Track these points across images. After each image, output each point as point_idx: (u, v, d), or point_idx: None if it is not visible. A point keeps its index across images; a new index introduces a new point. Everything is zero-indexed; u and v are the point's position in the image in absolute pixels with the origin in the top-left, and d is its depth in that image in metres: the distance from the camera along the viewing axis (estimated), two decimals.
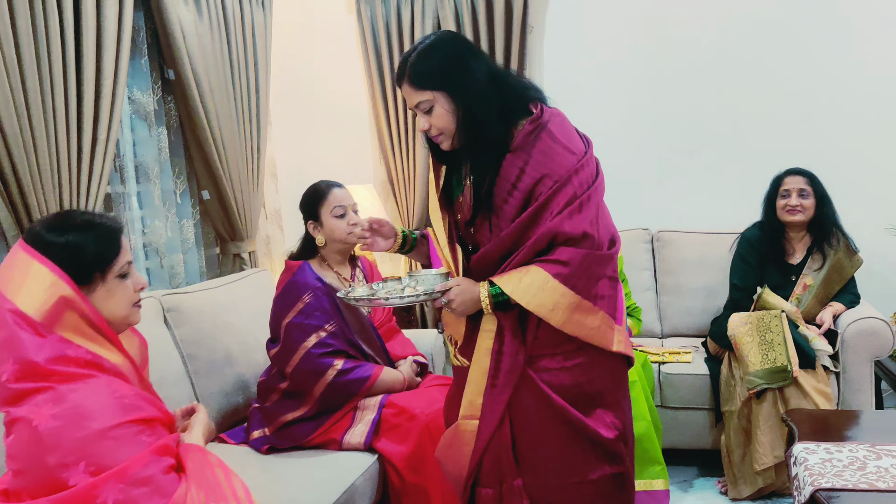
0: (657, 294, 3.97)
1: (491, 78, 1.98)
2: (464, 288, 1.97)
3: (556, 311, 1.90)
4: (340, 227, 2.80)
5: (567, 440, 1.98)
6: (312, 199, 2.84)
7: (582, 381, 1.98)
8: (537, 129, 1.97)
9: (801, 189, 3.30)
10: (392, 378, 2.73)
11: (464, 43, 2.03)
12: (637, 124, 4.15)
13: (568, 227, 1.90)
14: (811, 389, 2.98)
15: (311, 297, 2.67)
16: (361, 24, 4.25)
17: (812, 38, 3.93)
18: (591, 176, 1.97)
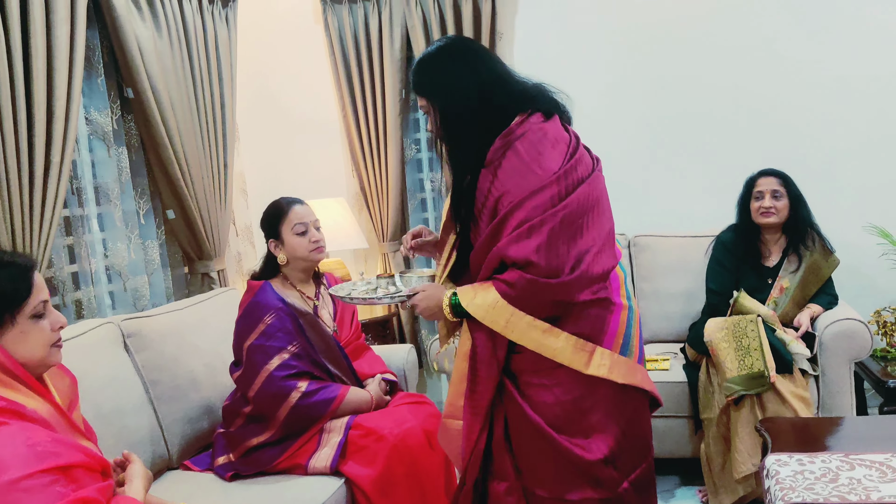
0: (636, 299, 3.90)
1: (482, 88, 1.98)
2: (429, 294, 2.04)
3: (509, 329, 1.91)
4: (302, 245, 2.74)
5: (547, 455, 1.98)
6: (272, 216, 2.79)
7: (565, 401, 1.96)
8: (505, 145, 1.95)
9: (774, 190, 3.24)
10: (359, 398, 2.66)
11: (455, 49, 2.04)
12: (612, 129, 4.10)
13: (512, 251, 1.89)
14: (789, 395, 2.92)
15: (272, 318, 2.61)
16: (329, 34, 4.19)
17: (784, 39, 3.88)
18: (554, 199, 1.89)
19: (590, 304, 1.95)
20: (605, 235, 1.98)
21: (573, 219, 1.90)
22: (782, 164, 3.38)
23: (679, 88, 4.03)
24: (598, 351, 1.95)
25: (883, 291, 3.79)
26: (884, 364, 3.44)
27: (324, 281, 2.92)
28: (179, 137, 3.35)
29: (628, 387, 2.00)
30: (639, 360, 2.06)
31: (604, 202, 2.02)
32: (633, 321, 2.06)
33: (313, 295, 2.83)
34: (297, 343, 2.62)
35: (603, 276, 1.96)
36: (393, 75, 4.11)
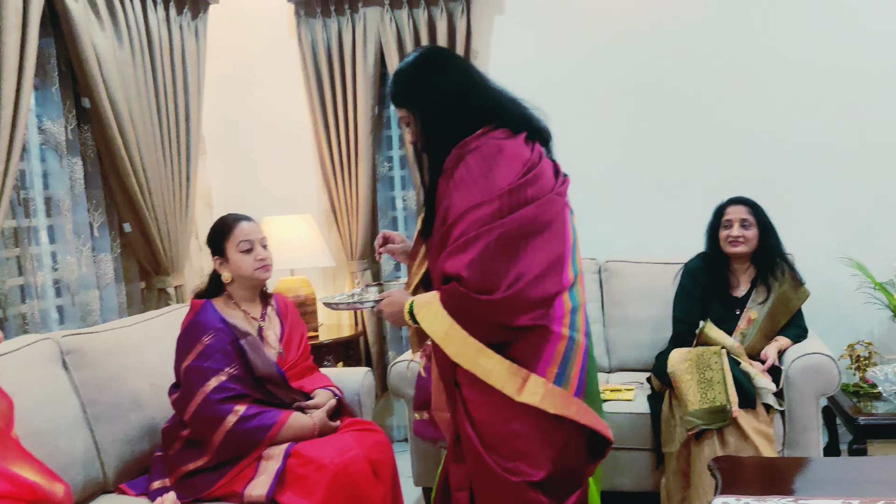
0: (605, 326, 3.82)
1: (459, 96, 2.00)
2: (393, 300, 2.11)
3: (448, 341, 1.94)
4: (247, 263, 2.66)
5: (481, 473, 2.01)
6: (217, 233, 2.71)
7: (496, 421, 1.97)
8: (458, 156, 1.97)
9: (742, 219, 3.17)
10: (300, 425, 2.56)
11: (432, 60, 2.08)
12: (585, 154, 4.01)
13: (447, 264, 1.92)
14: (751, 431, 2.82)
15: (210, 339, 2.53)
16: (302, 49, 4.13)
17: (762, 66, 3.81)
18: (494, 215, 1.90)
19: (528, 331, 1.94)
20: (550, 260, 1.96)
21: (512, 237, 1.90)
22: (757, 193, 3.31)
23: (654, 115, 3.96)
24: (532, 378, 1.93)
25: (857, 325, 3.72)
26: (856, 400, 3.35)
27: (272, 302, 2.84)
28: (138, 149, 3.28)
29: (562, 417, 1.97)
30: (576, 392, 2.02)
31: (556, 227, 2.00)
32: (574, 353, 2.02)
33: (259, 315, 2.75)
34: (237, 365, 2.53)
35: (542, 301, 1.94)
36: (366, 91, 4.04)
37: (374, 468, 2.54)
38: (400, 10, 3.99)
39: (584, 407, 2.02)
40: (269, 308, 2.80)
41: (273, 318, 2.79)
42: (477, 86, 2.06)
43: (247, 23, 4.27)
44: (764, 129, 3.83)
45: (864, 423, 3.12)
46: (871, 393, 3.38)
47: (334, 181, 4.16)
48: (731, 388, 2.86)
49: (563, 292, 2.01)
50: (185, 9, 3.70)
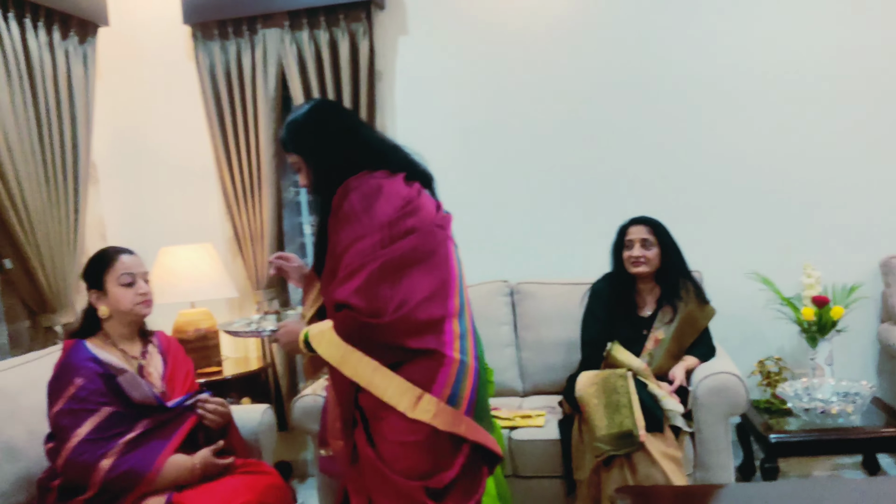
0: (518, 350, 3.74)
1: (342, 144, 2.18)
2: (289, 329, 2.23)
3: (344, 364, 2.05)
4: (127, 297, 2.52)
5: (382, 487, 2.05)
6: (97, 265, 2.56)
7: (391, 437, 2.05)
8: (342, 195, 2.11)
9: (643, 239, 3.13)
10: (179, 468, 2.40)
11: (324, 110, 2.26)
12: (492, 173, 3.97)
13: (336, 293, 2.05)
14: (659, 455, 2.76)
15: (83, 381, 2.36)
16: (200, 72, 3.98)
17: (666, 86, 3.81)
18: (376, 246, 2.06)
19: (421, 354, 2.06)
20: (434, 286, 2.11)
21: (395, 265, 2.05)
22: (664, 211, 3.28)
23: (560, 135, 3.91)
24: (425, 396, 2.04)
25: (767, 341, 3.72)
26: (767, 416, 3.33)
27: (153, 339, 2.68)
28: (17, 180, 3.10)
29: (453, 434, 2.06)
30: (466, 411, 2.10)
31: (439, 257, 2.16)
32: (465, 375, 2.12)
33: (139, 354, 2.59)
34: (113, 405, 2.37)
35: (429, 324, 2.07)
36: (267, 115, 3.92)
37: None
38: (301, 32, 3.88)
39: (474, 425, 2.11)
40: (149, 346, 2.64)
41: (155, 355, 2.63)
42: (362, 135, 2.26)
43: (141, 46, 4.11)
44: (670, 147, 3.82)
45: (776, 440, 3.10)
46: (782, 409, 3.36)
47: (237, 208, 4.01)
48: (638, 412, 2.80)
49: (449, 318, 2.13)
50: (71, 32, 3.53)
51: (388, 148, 2.28)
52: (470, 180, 3.98)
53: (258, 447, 2.92)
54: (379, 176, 2.15)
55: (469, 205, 3.94)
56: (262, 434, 2.95)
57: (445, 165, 3.99)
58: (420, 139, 3.98)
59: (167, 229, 4.03)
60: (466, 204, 3.93)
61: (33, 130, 3.23)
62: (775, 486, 2.91)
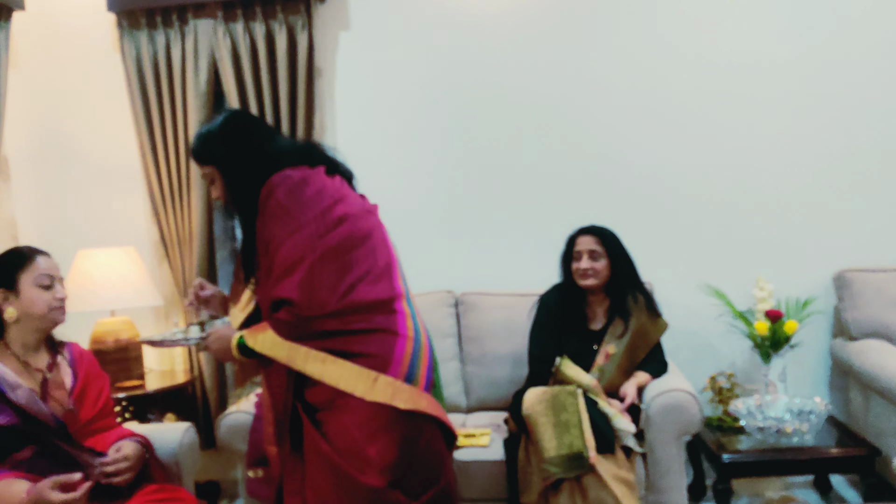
0: (462, 363, 3.55)
1: (258, 152, 2.17)
2: (220, 335, 2.20)
3: (292, 361, 2.04)
4: (43, 300, 2.29)
5: (336, 489, 2.01)
6: (10, 263, 2.31)
7: (349, 426, 2.01)
8: (268, 194, 2.09)
9: (591, 250, 2.98)
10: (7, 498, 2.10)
11: (237, 121, 2.24)
12: (434, 176, 3.78)
13: (278, 291, 2.03)
14: (610, 478, 2.60)
15: None
16: (126, 63, 3.71)
17: (619, 86, 3.67)
18: (313, 237, 2.05)
19: (371, 333, 2.06)
20: (379, 267, 2.13)
21: (337, 253, 2.06)
22: (613, 219, 3.14)
23: (506, 138, 3.74)
24: (381, 378, 2.03)
25: (720, 355, 3.61)
26: (719, 435, 3.20)
27: (64, 351, 2.42)
28: None
29: (414, 413, 2.05)
30: (425, 387, 2.12)
31: (375, 239, 2.17)
32: (420, 351, 2.14)
33: (44, 366, 2.33)
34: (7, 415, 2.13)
35: (377, 303, 2.08)
36: (198, 111, 3.67)
37: None
38: (235, 23, 3.65)
39: (434, 401, 2.13)
40: (58, 357, 2.38)
41: (64, 368, 2.37)
42: (276, 140, 2.25)
43: (62, 33, 3.83)
44: (617, 154, 3.68)
45: (729, 460, 2.97)
46: (734, 427, 3.24)
47: (164, 209, 3.75)
48: (588, 433, 2.64)
49: (398, 298, 2.15)
50: None
51: (305, 147, 2.30)
52: (413, 184, 3.79)
53: (178, 470, 2.67)
54: (300, 170, 2.14)
55: (412, 210, 3.77)
56: (183, 455, 2.69)
57: (387, 168, 3.85)
58: (361, 140, 3.84)
59: (86, 231, 3.75)
60: (409, 209, 3.77)
61: None
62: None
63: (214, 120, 2.25)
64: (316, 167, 2.19)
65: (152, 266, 3.82)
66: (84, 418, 2.35)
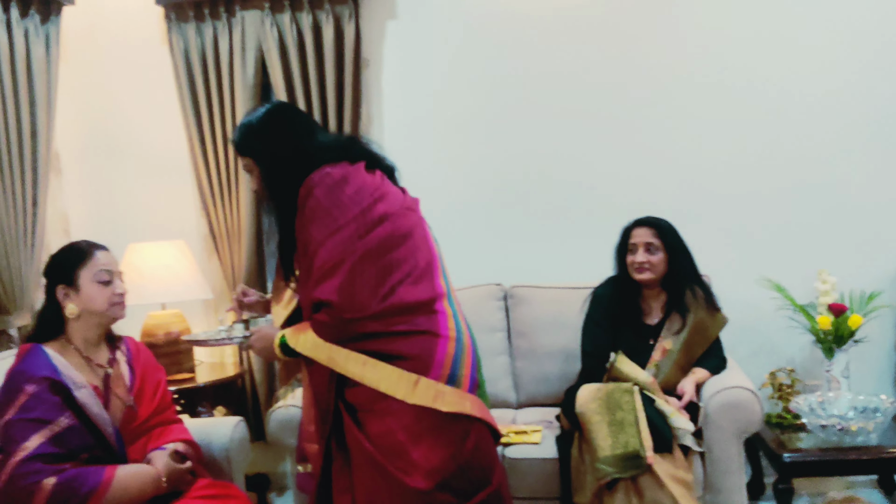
0: (511, 358, 3.49)
1: (297, 146, 2.13)
2: (262, 335, 2.20)
3: (333, 363, 2.02)
4: (103, 296, 2.26)
5: (383, 489, 1.98)
6: (69, 258, 2.29)
7: (394, 428, 1.99)
8: (307, 193, 2.06)
9: (647, 243, 2.89)
10: (139, 479, 2.13)
11: (279, 114, 2.20)
12: (484, 167, 3.72)
13: (318, 293, 2.00)
14: (668, 478, 2.52)
15: (35, 388, 2.10)
16: (174, 56, 3.71)
17: (677, 78, 3.56)
18: (353, 237, 2.01)
19: (412, 335, 2.03)
20: (421, 268, 2.09)
21: (378, 254, 2.02)
22: (670, 211, 3.04)
23: (560, 129, 3.66)
24: (422, 381, 2.00)
25: (779, 351, 3.49)
26: (779, 432, 3.10)
27: (122, 346, 2.42)
28: None
29: (458, 415, 2.02)
30: (469, 388, 2.08)
31: (416, 238, 2.13)
32: (462, 353, 2.10)
33: (105, 361, 2.32)
34: (67, 419, 2.11)
35: (418, 305, 2.05)
36: (245, 103, 3.65)
37: None
38: (282, 15, 3.62)
39: (479, 402, 2.09)
40: (117, 353, 2.38)
41: (123, 365, 2.37)
42: (317, 137, 2.20)
43: (111, 28, 3.84)
44: (676, 146, 3.58)
45: (790, 459, 2.87)
46: (795, 425, 3.14)
47: (213, 203, 3.74)
48: (645, 432, 2.56)
49: (440, 298, 2.11)
50: (32, 11, 3.26)
51: (345, 142, 2.26)
52: (461, 174, 3.74)
53: (229, 464, 2.66)
54: (340, 167, 2.10)
55: (460, 201, 3.72)
56: (233, 451, 2.67)
57: (434, 159, 3.80)
58: (408, 131, 3.79)
59: (137, 225, 3.77)
60: (457, 200, 3.71)
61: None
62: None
63: (256, 111, 2.23)
64: (356, 163, 2.14)
65: (202, 259, 3.83)
66: (143, 415, 2.34)
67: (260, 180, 2.19)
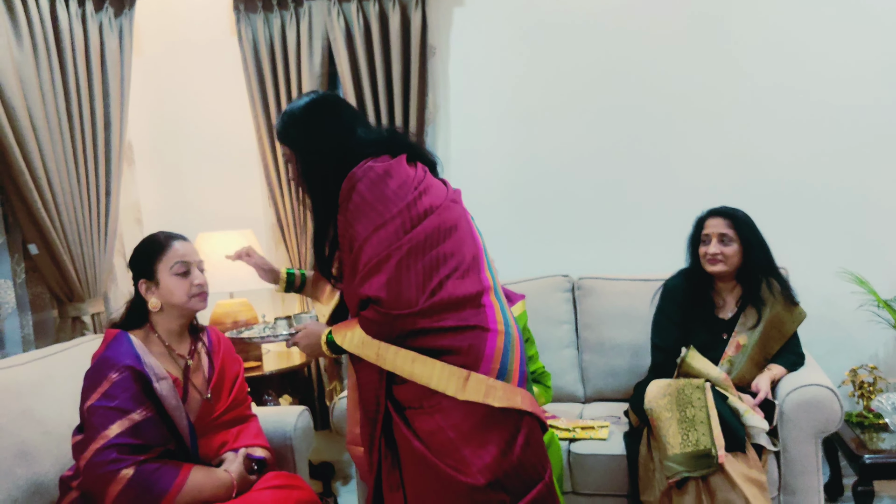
0: (579, 351, 3.43)
1: (339, 139, 2.10)
2: (309, 331, 2.17)
3: (381, 360, 1.99)
4: (181, 288, 2.27)
5: (435, 486, 1.96)
6: (147, 252, 2.31)
7: (445, 426, 1.95)
8: (350, 188, 2.03)
9: (721, 234, 2.78)
10: (212, 482, 2.15)
11: (322, 104, 2.15)
12: (552, 155, 3.65)
13: (365, 289, 1.97)
14: (740, 478, 2.43)
15: (118, 376, 2.13)
16: (243, 47, 3.74)
17: (756, 64, 3.43)
18: (398, 232, 1.98)
19: (461, 331, 1.98)
20: (467, 262, 2.05)
21: (424, 248, 1.99)
22: (746, 201, 2.93)
23: (630, 117, 3.57)
24: (473, 376, 1.96)
25: (860, 347, 3.34)
26: (859, 432, 2.97)
27: (203, 337, 2.43)
28: (41, 160, 2.90)
29: (509, 410, 1.98)
30: (519, 383, 2.04)
31: (461, 231, 2.09)
32: (512, 346, 2.05)
33: (187, 352, 2.35)
34: (145, 410, 2.14)
35: (466, 299, 2.00)
36: None
37: None
38: (348, 3, 3.61)
39: (528, 395, 2.05)
40: (198, 344, 2.40)
41: (203, 356, 2.39)
42: (359, 128, 2.16)
43: (182, 20, 3.89)
44: (755, 134, 3.45)
45: (871, 461, 2.74)
46: (876, 424, 3.01)
47: (280, 193, 3.77)
48: (717, 429, 2.47)
49: (486, 292, 2.07)
50: (106, 4, 3.31)
51: (387, 135, 2.20)
52: (529, 165, 3.67)
53: (292, 453, 2.67)
54: (382, 160, 2.07)
55: (528, 192, 3.66)
56: (297, 439, 2.70)
57: (502, 148, 3.75)
58: (474, 119, 3.74)
59: (206, 214, 3.82)
60: (525, 191, 3.66)
61: (61, 107, 3.03)
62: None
63: (300, 100, 2.19)
64: (397, 156, 2.10)
65: (269, 248, 3.87)
66: (219, 409, 2.36)
67: (297, 171, 2.16)
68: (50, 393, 2.52)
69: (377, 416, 2.04)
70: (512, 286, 3.19)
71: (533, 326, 3.06)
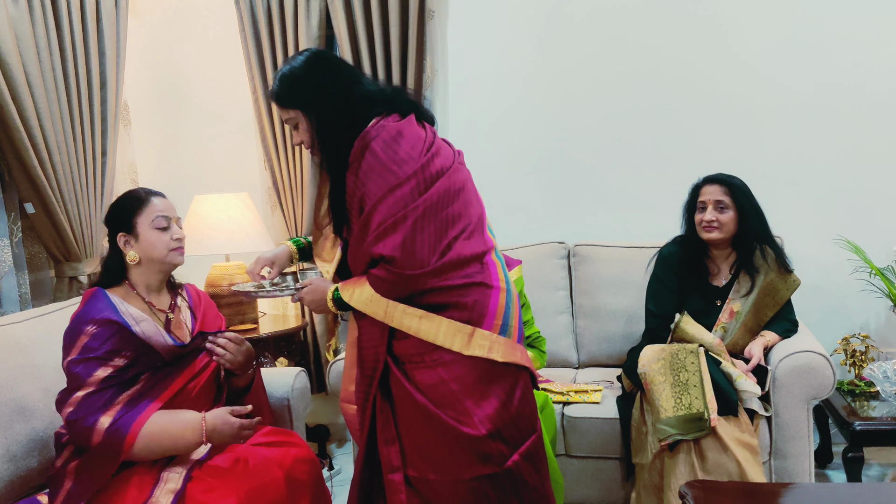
0: (573, 317, 3.44)
1: (345, 95, 2.08)
2: (314, 287, 2.17)
3: (389, 318, 2.02)
4: (162, 241, 2.28)
5: (436, 437, 2.01)
6: (127, 206, 2.31)
7: (447, 379, 2.00)
8: (363, 146, 2.03)
9: (717, 201, 2.78)
10: (178, 422, 2.16)
11: (321, 61, 2.13)
12: (548, 122, 3.64)
13: (379, 248, 1.98)
14: (732, 442, 2.46)
15: (95, 329, 2.14)
16: (240, 10, 3.70)
17: (750, 39, 3.42)
18: (413, 193, 1.99)
19: (467, 288, 2.03)
20: (474, 221, 2.10)
21: (437, 210, 2.01)
22: (741, 169, 2.94)
23: (628, 83, 3.56)
24: (477, 332, 2.02)
25: (852, 315, 3.37)
26: (850, 400, 3.00)
27: (183, 293, 2.45)
28: (38, 119, 2.88)
29: (509, 364, 2.05)
30: (518, 339, 2.11)
31: (468, 191, 2.13)
32: (511, 302, 2.12)
33: (167, 307, 2.36)
34: (128, 354, 2.16)
35: (474, 257, 2.06)
36: None
37: (293, 490, 2.17)
38: None
39: (525, 351, 2.12)
40: (178, 299, 2.41)
41: (184, 310, 2.40)
42: (362, 83, 2.15)
43: None
44: (751, 101, 3.44)
45: (861, 428, 2.78)
46: (867, 392, 3.04)
47: (277, 156, 3.75)
48: (710, 393, 2.50)
49: (490, 251, 2.13)
50: None
51: (392, 92, 2.20)
52: (526, 130, 3.66)
53: (289, 414, 2.70)
54: (393, 120, 2.07)
55: (525, 158, 3.65)
56: (295, 400, 2.72)
57: (499, 112, 3.73)
58: (473, 83, 3.72)
59: (202, 177, 3.81)
60: (522, 157, 3.65)
61: (57, 65, 3.01)
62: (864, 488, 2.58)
63: (295, 59, 2.14)
64: (407, 116, 2.09)
65: (265, 212, 3.86)
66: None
67: (309, 132, 2.12)
68: (48, 350, 2.51)
69: (375, 372, 2.06)
70: (509, 252, 3.21)
71: (529, 292, 3.08)
